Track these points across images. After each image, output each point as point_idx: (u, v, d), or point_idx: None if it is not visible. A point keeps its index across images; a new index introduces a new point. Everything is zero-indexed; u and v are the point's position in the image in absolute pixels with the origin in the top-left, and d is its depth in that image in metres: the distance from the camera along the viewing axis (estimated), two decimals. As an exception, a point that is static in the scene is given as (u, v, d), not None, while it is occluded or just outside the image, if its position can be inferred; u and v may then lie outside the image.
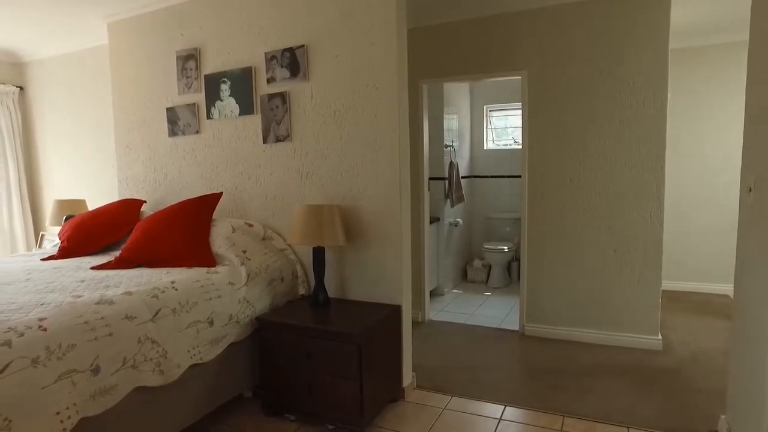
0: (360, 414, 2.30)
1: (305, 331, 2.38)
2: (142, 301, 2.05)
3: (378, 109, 2.62)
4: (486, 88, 5.72)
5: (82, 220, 3.18)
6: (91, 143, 4.47)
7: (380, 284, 2.71)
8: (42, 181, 4.90)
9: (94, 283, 2.27)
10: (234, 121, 3.11)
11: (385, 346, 2.52)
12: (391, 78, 2.57)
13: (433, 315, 4.28)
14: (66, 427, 1.66)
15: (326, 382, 2.35)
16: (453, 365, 3.18)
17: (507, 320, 4.11)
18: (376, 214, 2.68)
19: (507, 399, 2.71)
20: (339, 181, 2.77)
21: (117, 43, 3.64)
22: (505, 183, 5.75)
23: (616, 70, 3.28)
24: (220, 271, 2.47)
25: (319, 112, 2.80)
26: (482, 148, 5.88)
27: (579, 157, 3.44)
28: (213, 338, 2.28)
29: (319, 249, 2.59)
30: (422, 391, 2.82)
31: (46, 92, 4.72)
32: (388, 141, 2.61)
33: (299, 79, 2.83)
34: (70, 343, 1.73)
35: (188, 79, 3.27)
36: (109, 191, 4.36)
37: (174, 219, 2.74)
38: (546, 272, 3.62)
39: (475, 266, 5.52)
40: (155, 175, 3.53)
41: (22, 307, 1.87)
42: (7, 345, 1.58)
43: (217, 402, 2.39)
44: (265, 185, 3.02)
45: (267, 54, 2.92)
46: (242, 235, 2.76)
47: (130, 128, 3.63)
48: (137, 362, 1.94)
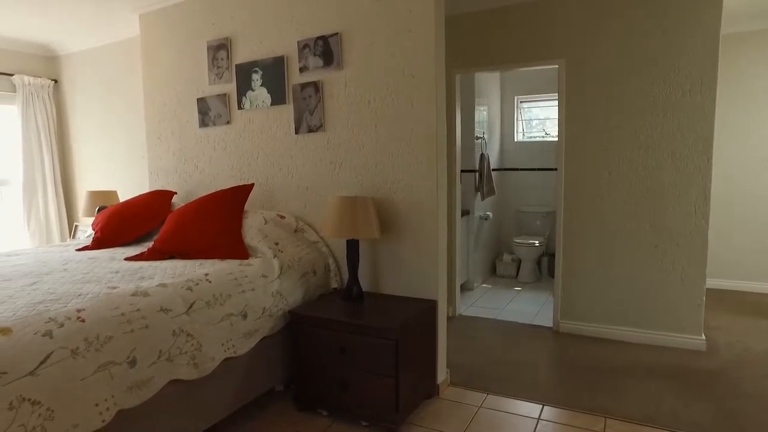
0: (395, 411, 2.24)
1: (340, 326, 2.33)
2: (177, 293, 2.03)
3: (415, 98, 2.54)
4: (517, 78, 5.58)
5: (115, 211, 3.19)
6: (123, 135, 4.50)
7: (415, 278, 2.64)
8: (75, 173, 4.97)
9: (129, 274, 2.26)
10: (265, 112, 3.07)
11: (420, 342, 2.46)
12: (429, 66, 2.49)
13: (464, 310, 4.21)
14: (105, 419, 1.65)
15: (361, 378, 2.30)
16: (487, 362, 3.11)
17: (539, 316, 4.01)
18: (412, 206, 2.61)
19: (544, 398, 2.62)
20: (373, 172, 2.70)
21: (148, 35, 3.63)
22: (535, 176, 5.61)
23: (661, 57, 3.12)
24: (253, 264, 2.44)
25: (353, 101, 2.73)
26: (512, 140, 5.74)
27: (619, 148, 3.30)
28: (246, 331, 2.25)
29: (353, 242, 2.53)
30: (457, 388, 2.75)
31: (79, 85, 4.76)
32: (425, 131, 2.53)
33: (333, 68, 2.77)
34: (107, 335, 1.71)
35: (219, 69, 3.24)
36: (140, 182, 4.38)
37: (206, 210, 2.72)
38: (582, 268, 3.50)
39: (504, 261, 5.41)
40: (185, 166, 3.52)
41: (60, 297, 1.86)
42: (48, 335, 1.57)
43: (250, 396, 2.36)
44: (297, 176, 2.98)
45: (300, 42, 2.87)
46: (274, 227, 2.72)
47: (160, 119, 3.62)
48: (172, 355, 1.91)
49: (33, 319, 1.62)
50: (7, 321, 1.59)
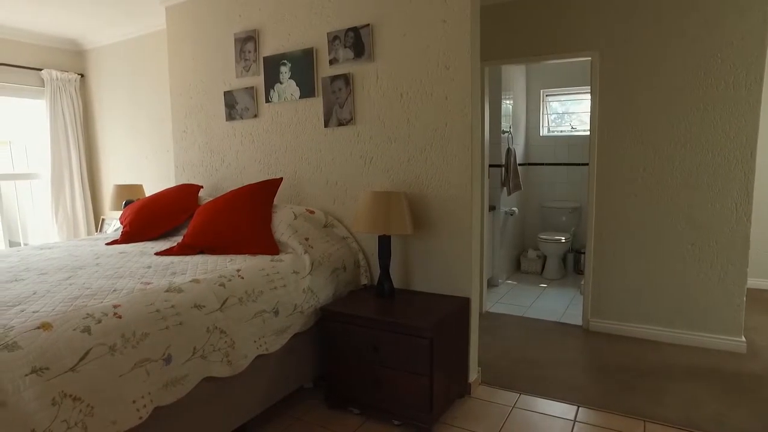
0: (429, 410, 2.20)
1: (372, 323, 2.29)
2: (210, 289, 2.00)
3: (449, 91, 2.47)
4: (543, 71, 5.46)
5: (143, 205, 3.19)
6: (148, 128, 4.50)
7: (448, 275, 2.59)
8: (101, 166, 5.00)
9: (161, 270, 2.25)
10: (294, 105, 3.03)
11: (453, 340, 2.41)
12: (464, 58, 2.42)
13: (490, 306, 4.14)
14: (142, 416, 1.63)
15: (393, 377, 2.26)
16: (517, 360, 3.04)
17: (568, 314, 3.93)
18: (445, 201, 2.55)
19: (579, 399, 2.56)
20: (405, 166, 2.65)
21: (175, 27, 3.61)
22: (561, 171, 5.50)
23: (703, 47, 3.00)
24: (284, 260, 2.41)
25: (384, 94, 2.67)
26: (538, 135, 5.63)
27: (654, 143, 3.20)
28: (278, 328, 2.22)
29: (385, 237, 2.48)
30: (488, 387, 2.70)
31: (105, 79, 4.78)
32: (460, 125, 2.46)
33: (364, 60, 2.71)
34: (143, 332, 1.70)
35: (246, 61, 3.20)
36: (166, 176, 4.39)
37: (235, 205, 2.69)
38: (614, 265, 3.40)
39: (529, 257, 5.33)
40: (212, 160, 3.51)
41: (96, 293, 1.85)
42: (87, 331, 1.56)
43: (281, 394, 2.34)
44: (326, 171, 2.93)
45: (329, 34, 2.81)
46: (304, 222, 2.69)
47: (187, 113, 3.61)
48: (206, 352, 1.89)
49: (71, 314, 1.61)
50: (47, 316, 1.58)
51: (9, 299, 1.77)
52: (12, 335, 1.45)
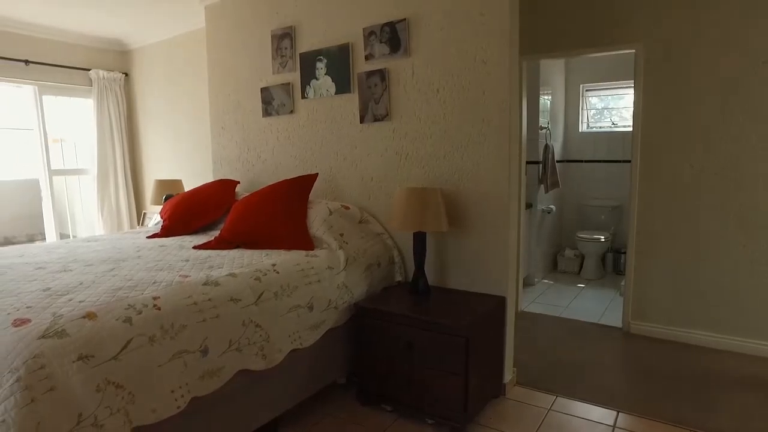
0: (463, 410, 2.17)
1: (407, 320, 2.27)
2: (246, 283, 2.03)
3: (486, 86, 2.42)
4: (583, 65, 5.30)
5: (182, 199, 3.26)
6: (187, 124, 4.61)
7: (483, 273, 2.54)
8: (143, 162, 5.16)
9: (199, 263, 2.29)
10: (330, 101, 3.03)
11: (489, 340, 2.36)
12: (503, 52, 2.36)
13: (526, 306, 4.06)
14: (180, 405, 1.67)
15: (428, 375, 2.23)
16: (553, 361, 2.97)
17: (607, 315, 3.81)
18: (482, 198, 2.50)
19: (619, 404, 2.47)
20: (441, 162, 2.61)
21: (213, 26, 3.67)
22: (601, 168, 5.33)
23: (753, 38, 2.84)
24: (319, 255, 2.42)
25: (420, 89, 2.64)
26: (577, 131, 5.48)
27: (703, 139, 3.05)
28: (312, 324, 2.23)
29: (420, 234, 2.45)
30: (523, 389, 2.64)
31: (147, 77, 4.92)
32: (497, 120, 2.41)
33: (400, 55, 2.69)
34: (181, 324, 1.73)
35: (283, 58, 3.23)
36: (204, 171, 4.49)
37: (271, 200, 2.72)
38: (657, 266, 3.27)
39: (566, 256, 5.19)
40: (249, 155, 3.56)
41: (137, 284, 1.90)
42: (128, 322, 1.60)
43: (314, 388, 2.35)
44: (361, 166, 2.93)
45: (365, 29, 2.80)
46: (339, 218, 2.69)
47: (224, 109, 3.67)
48: (242, 345, 1.91)
49: (114, 305, 1.66)
50: (92, 306, 1.63)
51: (59, 288, 1.84)
52: (61, 323, 1.50)
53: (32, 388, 1.33)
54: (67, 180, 5.19)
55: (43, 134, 4.59)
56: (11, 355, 1.38)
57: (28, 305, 1.65)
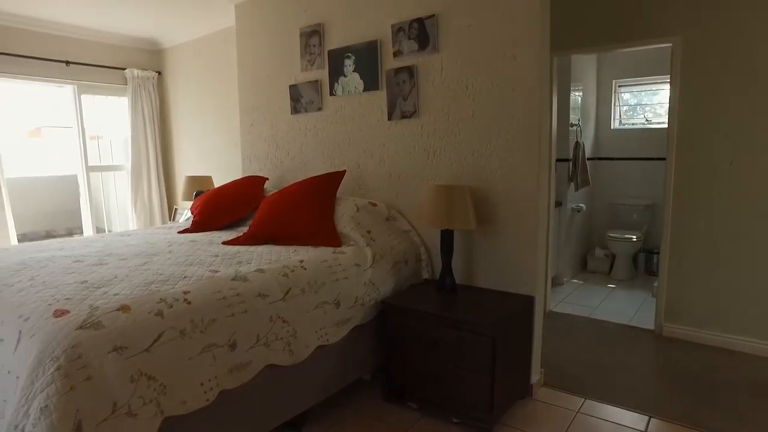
0: (489, 410, 2.15)
1: (434, 318, 2.26)
2: (274, 279, 2.05)
3: (516, 83, 2.38)
4: (616, 60, 5.16)
5: (212, 195, 3.32)
6: (217, 121, 4.69)
7: (512, 272, 2.51)
8: (174, 159, 5.27)
9: (228, 258, 2.32)
10: (358, 98, 3.04)
11: (516, 339, 2.34)
12: (533, 48, 2.32)
13: (554, 306, 3.99)
14: (209, 398, 1.70)
15: (454, 374, 2.22)
16: (582, 363, 2.91)
17: (638, 317, 3.71)
18: (510, 197, 2.47)
19: (650, 409, 2.41)
20: (469, 160, 2.59)
21: (243, 24, 3.72)
22: (633, 166, 5.19)
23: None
24: (346, 252, 2.42)
25: (449, 86, 2.62)
26: (608, 128, 5.34)
27: (743, 136, 2.93)
28: (339, 320, 2.25)
29: (448, 232, 2.44)
30: (551, 390, 2.60)
31: (179, 76, 5.03)
32: (527, 118, 2.37)
33: (428, 52, 2.67)
34: (211, 318, 1.76)
35: (311, 55, 3.25)
36: (233, 168, 4.56)
37: (299, 197, 2.74)
38: (692, 267, 3.17)
39: (596, 255, 5.08)
40: (277, 152, 3.60)
41: (168, 278, 1.94)
42: (160, 315, 1.63)
43: (339, 384, 2.36)
44: (389, 164, 2.93)
45: (394, 26, 2.79)
46: (366, 215, 2.69)
47: (254, 107, 3.72)
48: (269, 340, 1.94)
49: (147, 298, 1.70)
50: (126, 299, 1.67)
51: (95, 281, 1.90)
52: (97, 315, 1.55)
53: (71, 377, 1.38)
54: (102, 176, 5.36)
55: (82, 132, 4.74)
56: (52, 344, 1.43)
57: (67, 297, 1.71)
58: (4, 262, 2.25)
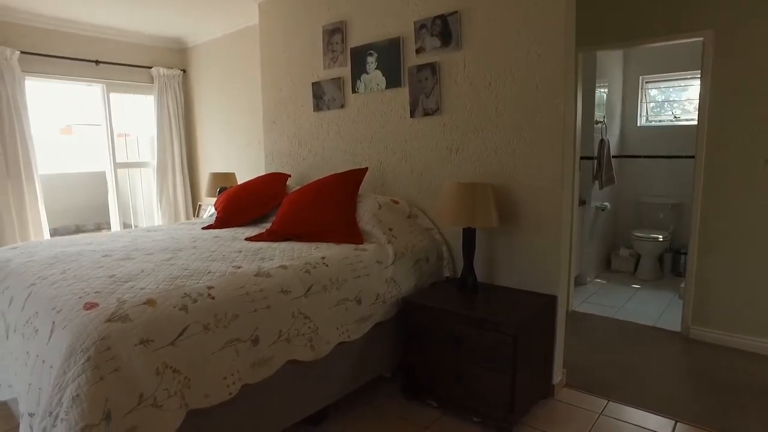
0: (510, 410, 2.13)
1: (455, 317, 2.25)
2: (296, 275, 2.07)
3: (540, 79, 2.35)
4: (643, 56, 5.05)
5: (235, 192, 3.37)
6: (241, 119, 4.74)
7: (534, 271, 2.48)
8: (198, 155, 5.35)
9: (251, 254, 2.35)
10: (380, 95, 3.04)
11: (538, 339, 2.31)
12: (557, 44, 2.28)
13: (577, 305, 3.94)
14: (231, 392, 1.72)
15: (474, 372, 2.21)
16: (605, 364, 2.87)
17: (664, 319, 3.63)
18: (534, 195, 2.44)
19: (677, 413, 2.35)
20: (492, 157, 2.57)
21: (266, 22, 3.75)
22: (660, 164, 5.07)
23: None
24: (368, 249, 2.43)
25: (472, 83, 2.60)
26: (635, 125, 5.23)
27: (781, 132, 2.84)
28: (360, 317, 2.25)
29: (470, 230, 2.42)
30: (573, 391, 2.57)
31: (203, 74, 5.10)
32: (551, 115, 2.34)
33: (451, 49, 2.65)
34: (234, 313, 1.78)
35: (334, 53, 3.26)
36: (256, 165, 4.61)
37: (321, 194, 2.76)
38: (722, 268, 3.09)
39: (621, 255, 4.99)
40: (299, 149, 3.62)
41: (193, 274, 1.97)
42: (185, 310, 1.66)
43: (360, 381, 2.37)
44: (411, 161, 2.92)
45: (416, 23, 2.78)
46: (388, 212, 2.70)
47: (276, 104, 3.75)
48: (291, 336, 1.95)
49: (172, 293, 1.73)
50: (152, 293, 1.71)
51: (122, 275, 1.94)
52: (125, 308, 1.59)
53: (100, 368, 1.42)
54: (129, 172, 5.47)
55: (110, 129, 4.85)
56: (83, 336, 1.48)
57: (96, 290, 1.76)
58: (39, 256, 2.32)
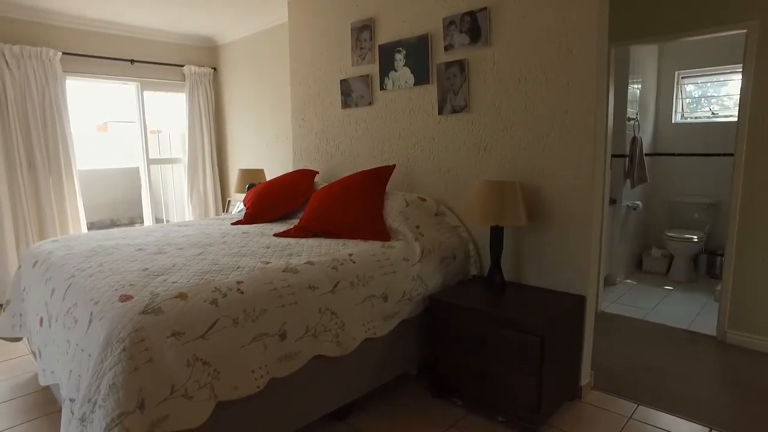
0: (536, 410, 2.11)
1: (481, 315, 2.24)
2: (323, 272, 2.08)
3: (571, 76, 2.31)
4: (680, 50, 4.90)
5: (264, 188, 3.41)
6: (269, 116, 4.80)
7: (562, 271, 2.44)
8: (228, 152, 5.45)
9: (279, 250, 2.38)
10: (408, 92, 3.03)
11: (566, 340, 2.28)
12: (589, 40, 2.24)
13: (606, 306, 3.86)
14: (259, 385, 1.75)
15: (500, 372, 2.19)
16: (634, 367, 2.80)
17: (698, 322, 3.53)
18: (563, 193, 2.40)
19: (711, 420, 2.28)
20: (521, 155, 2.53)
21: (295, 20, 3.78)
22: (696, 162, 4.92)
23: None
24: (395, 246, 2.43)
25: (501, 80, 2.57)
26: (669, 122, 5.09)
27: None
28: (386, 314, 2.26)
29: (497, 228, 2.40)
30: (601, 393, 2.52)
31: (233, 71, 5.18)
32: (582, 112, 2.29)
33: (480, 45, 2.63)
34: (262, 308, 1.81)
35: (362, 50, 3.27)
36: (284, 162, 4.66)
37: (349, 191, 2.78)
38: (762, 271, 2.98)
39: (653, 255, 4.87)
40: (327, 146, 3.65)
41: (222, 269, 2.02)
42: (215, 303, 1.70)
43: (385, 378, 2.38)
44: (439, 159, 2.91)
45: (445, 19, 2.76)
46: (415, 210, 2.69)
47: (305, 101, 3.78)
48: (318, 332, 1.98)
49: (202, 287, 1.77)
50: (184, 287, 1.75)
51: (155, 269, 2.00)
52: (158, 301, 1.63)
53: (135, 358, 1.47)
54: (162, 168, 5.61)
55: (143, 126, 4.99)
56: (118, 327, 1.53)
57: (131, 283, 1.81)
58: (78, 249, 2.41)
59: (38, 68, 4.10)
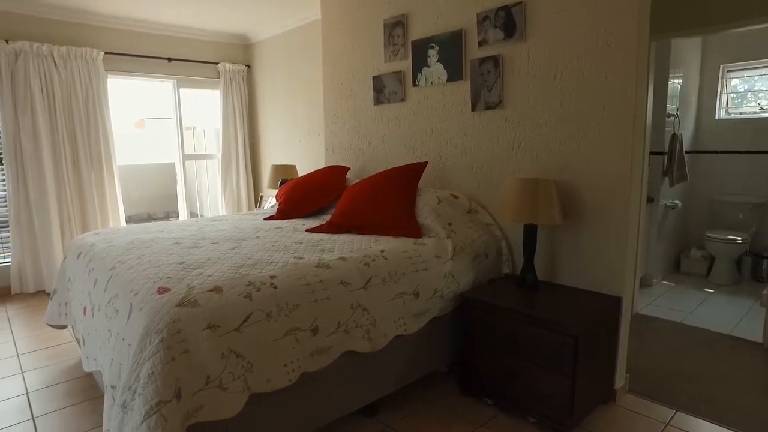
0: (569, 413, 2.07)
1: (513, 314, 2.21)
2: (356, 268, 2.09)
3: (610, 71, 2.24)
4: (724, 42, 4.70)
5: (296, 184, 3.45)
6: (302, 112, 4.85)
7: (597, 271, 2.39)
8: (261, 148, 5.53)
9: (311, 246, 2.40)
10: (441, 88, 3.01)
11: (600, 341, 2.23)
12: (629, 33, 2.17)
13: (641, 308, 3.76)
14: (291, 379, 1.77)
15: (533, 372, 2.16)
16: (672, 371, 2.72)
17: (741, 327, 3.39)
18: (599, 192, 2.34)
19: (755, 429, 2.19)
20: (556, 153, 2.48)
21: (328, 17, 3.80)
22: (741, 160, 4.71)
23: None
24: (426, 243, 2.42)
25: (536, 75, 2.52)
26: (712, 118, 4.89)
27: None
28: (417, 311, 2.26)
29: (531, 227, 2.36)
30: (636, 397, 2.45)
31: (266, 68, 5.25)
32: (620, 108, 2.23)
33: (515, 40, 2.58)
34: (295, 303, 1.83)
35: (395, 46, 3.26)
36: (316, 158, 4.70)
37: (381, 187, 2.78)
38: (812, 275, 2.84)
39: (692, 256, 4.70)
40: (359, 143, 3.66)
41: (256, 263, 2.05)
42: (249, 297, 1.73)
43: (415, 375, 2.38)
44: (472, 155, 2.88)
45: (479, 15, 2.73)
46: (447, 207, 2.68)
47: (337, 97, 3.80)
48: (349, 327, 1.99)
49: (237, 281, 1.80)
50: (218, 281, 1.79)
51: (191, 263, 2.05)
52: (194, 294, 1.67)
53: (172, 349, 1.50)
54: (196, 164, 5.75)
55: (179, 123, 5.11)
56: (156, 318, 1.57)
57: (168, 276, 1.86)
58: (118, 242, 2.49)
59: (83, 68, 4.25)
